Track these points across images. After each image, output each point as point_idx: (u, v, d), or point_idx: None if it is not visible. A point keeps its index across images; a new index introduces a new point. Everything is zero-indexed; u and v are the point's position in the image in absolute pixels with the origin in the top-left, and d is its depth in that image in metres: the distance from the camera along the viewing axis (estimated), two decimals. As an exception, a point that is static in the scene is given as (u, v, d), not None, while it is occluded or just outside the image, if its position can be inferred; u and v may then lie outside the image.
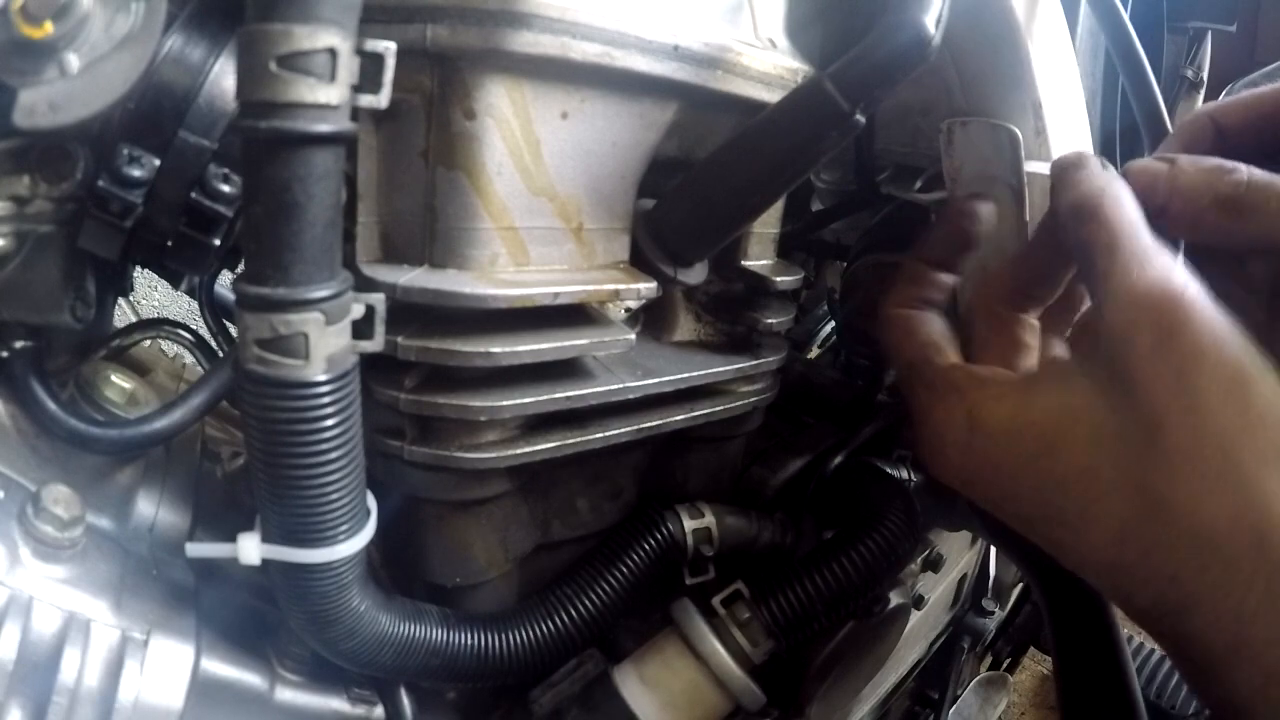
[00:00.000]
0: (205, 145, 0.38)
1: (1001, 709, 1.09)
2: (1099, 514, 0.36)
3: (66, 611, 0.40)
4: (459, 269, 0.41)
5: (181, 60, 0.37)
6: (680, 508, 0.55)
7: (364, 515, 0.39)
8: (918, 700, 0.99)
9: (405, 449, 0.43)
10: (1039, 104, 0.51)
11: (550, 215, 0.43)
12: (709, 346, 0.56)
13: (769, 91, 0.46)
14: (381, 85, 0.33)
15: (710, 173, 0.46)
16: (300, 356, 0.33)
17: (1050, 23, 0.53)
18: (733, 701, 0.52)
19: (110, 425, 0.43)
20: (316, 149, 0.31)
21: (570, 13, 0.37)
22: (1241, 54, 1.35)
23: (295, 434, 0.34)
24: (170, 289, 0.75)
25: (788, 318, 0.56)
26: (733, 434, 0.57)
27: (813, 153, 0.42)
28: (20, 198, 0.37)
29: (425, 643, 0.44)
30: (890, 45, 0.39)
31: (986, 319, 0.47)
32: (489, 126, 0.39)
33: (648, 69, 0.41)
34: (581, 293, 0.43)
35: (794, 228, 0.78)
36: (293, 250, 0.31)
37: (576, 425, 0.47)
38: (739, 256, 0.54)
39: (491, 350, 0.40)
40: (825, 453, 0.65)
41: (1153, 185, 0.40)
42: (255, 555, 0.37)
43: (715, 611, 0.52)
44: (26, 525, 0.40)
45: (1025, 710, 1.84)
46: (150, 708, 0.40)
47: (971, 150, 0.52)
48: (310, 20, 0.29)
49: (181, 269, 0.45)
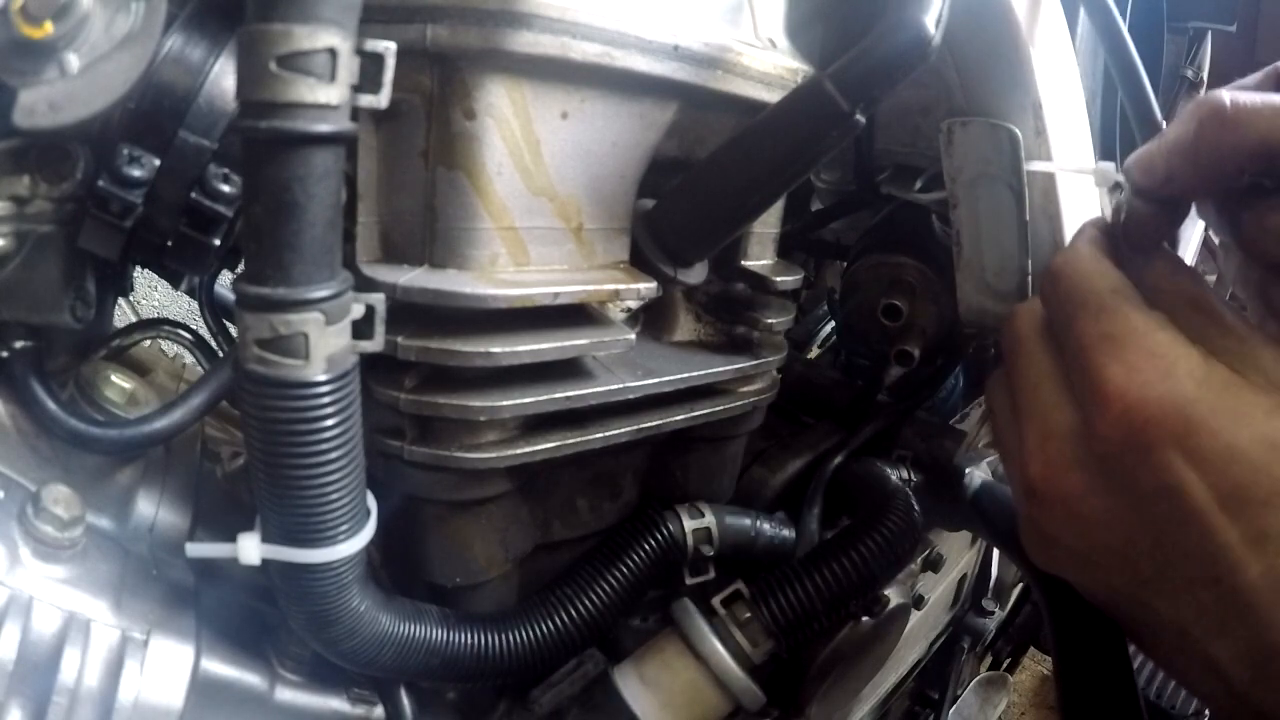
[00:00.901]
0: (205, 145, 0.38)
1: (1001, 709, 1.09)
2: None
3: (66, 611, 0.40)
4: (459, 269, 0.41)
5: (181, 60, 0.38)
6: (680, 508, 0.55)
7: (364, 515, 0.39)
8: (918, 700, 0.99)
9: (405, 449, 0.43)
10: (1039, 104, 0.51)
11: (550, 215, 0.43)
12: (709, 346, 0.56)
13: (769, 91, 0.46)
14: (381, 85, 0.33)
15: (710, 173, 0.46)
16: (300, 356, 0.33)
17: (1050, 23, 0.53)
18: (733, 701, 0.52)
19: (110, 425, 0.43)
20: (316, 149, 0.31)
21: (570, 13, 0.37)
22: (1241, 54, 1.35)
23: (295, 434, 0.34)
24: (170, 289, 0.75)
25: (788, 318, 0.56)
26: (733, 434, 0.57)
27: (813, 153, 0.42)
28: (20, 198, 0.37)
29: (425, 643, 0.44)
30: (890, 45, 0.39)
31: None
32: (489, 126, 0.39)
33: (648, 69, 0.41)
34: (581, 293, 0.43)
35: (794, 228, 0.78)
36: (293, 250, 0.31)
37: (576, 425, 0.47)
38: (739, 256, 0.54)
39: (491, 350, 0.40)
40: (825, 453, 0.65)
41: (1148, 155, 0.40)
42: (255, 555, 0.37)
43: (715, 611, 0.52)
44: (26, 525, 0.40)
45: (1025, 710, 1.84)
46: (150, 708, 0.40)
47: (971, 150, 0.52)
48: (310, 20, 0.29)
49: (181, 269, 0.45)
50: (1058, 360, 0.41)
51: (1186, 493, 0.35)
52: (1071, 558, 0.41)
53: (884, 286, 0.66)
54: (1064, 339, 0.40)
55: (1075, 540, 0.40)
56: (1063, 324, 0.40)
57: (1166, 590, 0.38)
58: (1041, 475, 0.40)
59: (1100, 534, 0.39)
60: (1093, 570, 0.41)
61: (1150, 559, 0.38)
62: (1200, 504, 0.35)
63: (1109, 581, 0.40)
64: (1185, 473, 0.35)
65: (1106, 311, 0.38)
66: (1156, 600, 0.38)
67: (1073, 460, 0.39)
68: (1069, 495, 0.39)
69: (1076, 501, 0.39)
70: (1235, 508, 0.34)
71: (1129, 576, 0.39)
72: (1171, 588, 0.37)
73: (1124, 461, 0.37)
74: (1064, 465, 0.39)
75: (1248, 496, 0.34)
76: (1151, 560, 0.37)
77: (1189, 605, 0.37)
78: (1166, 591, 0.38)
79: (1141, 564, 0.38)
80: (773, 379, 0.57)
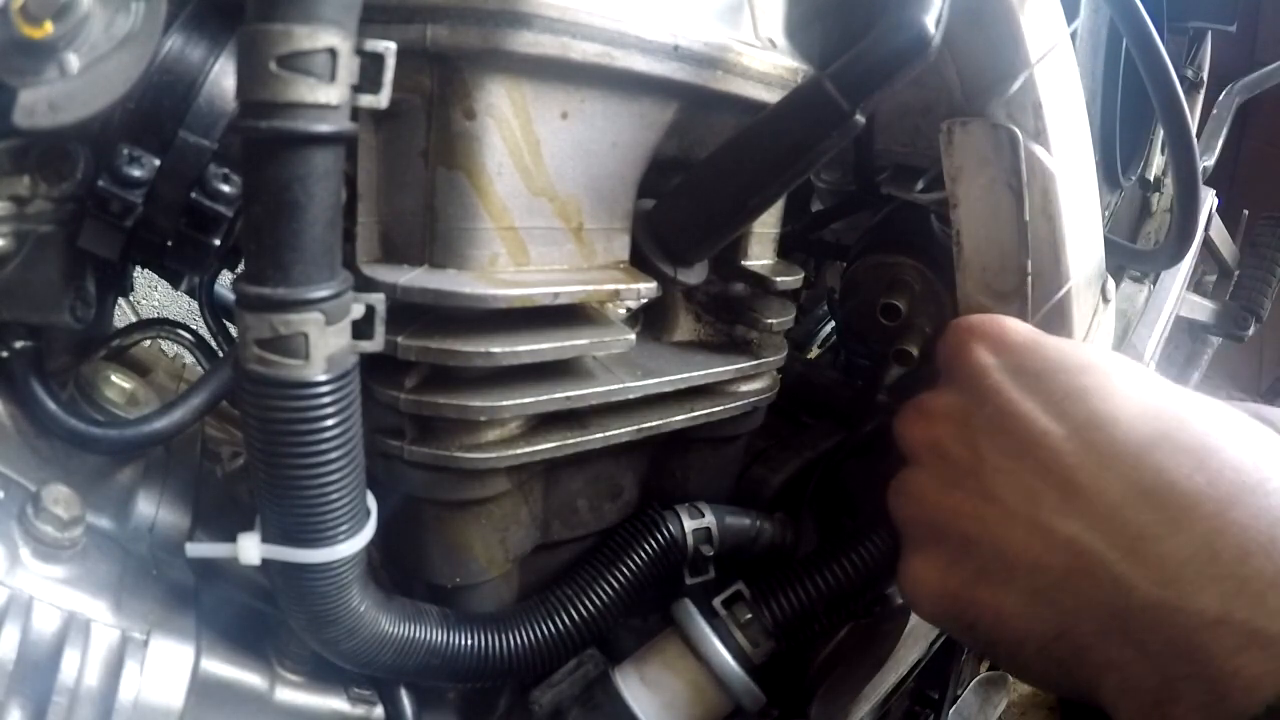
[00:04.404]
0: (205, 145, 0.38)
1: (1001, 709, 1.09)
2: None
3: (66, 611, 0.40)
4: (459, 269, 0.41)
5: (181, 60, 0.38)
6: (680, 508, 0.55)
7: (364, 515, 0.39)
8: (918, 700, 0.99)
9: (405, 449, 0.43)
10: (1039, 104, 0.51)
11: (550, 215, 0.43)
12: (709, 346, 0.56)
13: (769, 91, 0.46)
14: (381, 85, 0.33)
15: (710, 173, 0.46)
16: (300, 356, 0.33)
17: (1050, 22, 0.53)
18: (733, 702, 0.52)
19: (110, 425, 0.43)
20: (316, 149, 0.31)
21: (570, 13, 0.37)
22: (1241, 54, 1.35)
23: (295, 434, 0.34)
24: (170, 289, 0.75)
25: (788, 318, 0.56)
26: (733, 434, 0.57)
27: (813, 153, 0.42)
28: (20, 198, 0.37)
29: (425, 643, 0.44)
30: (890, 45, 0.39)
31: None
32: (489, 126, 0.39)
33: (648, 69, 0.41)
34: (581, 293, 0.43)
35: (794, 228, 0.78)
36: (293, 250, 0.31)
37: (576, 425, 0.47)
38: (739, 256, 0.54)
39: (491, 350, 0.40)
40: (825, 453, 0.65)
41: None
42: (255, 555, 0.37)
43: (716, 612, 0.52)
44: (26, 525, 0.40)
45: (1025, 710, 1.84)
46: (150, 708, 0.40)
47: (971, 150, 0.52)
48: (310, 20, 0.29)
49: (181, 269, 0.45)
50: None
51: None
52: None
53: (883, 286, 0.66)
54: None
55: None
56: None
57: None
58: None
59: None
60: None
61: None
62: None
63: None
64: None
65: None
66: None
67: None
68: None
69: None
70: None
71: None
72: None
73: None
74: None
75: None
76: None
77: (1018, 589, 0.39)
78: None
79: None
80: (773, 379, 0.57)
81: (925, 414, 0.48)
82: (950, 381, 0.48)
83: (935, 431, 0.46)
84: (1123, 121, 0.85)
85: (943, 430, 0.46)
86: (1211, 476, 0.34)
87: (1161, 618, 0.33)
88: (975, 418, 0.44)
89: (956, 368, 0.48)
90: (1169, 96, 0.53)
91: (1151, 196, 1.20)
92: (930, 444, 0.46)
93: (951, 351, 0.49)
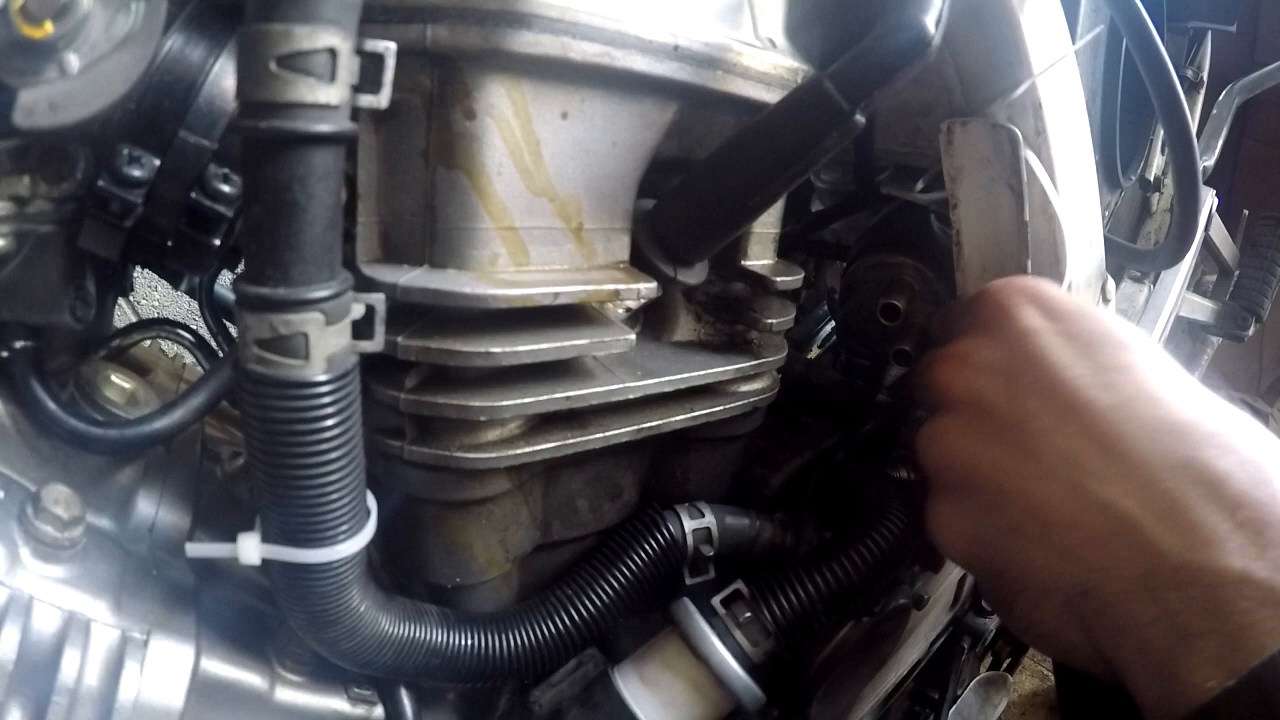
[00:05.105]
0: (205, 145, 0.38)
1: (1001, 709, 1.09)
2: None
3: (66, 611, 0.40)
4: (459, 269, 0.41)
5: (181, 60, 0.38)
6: (680, 508, 0.55)
7: (364, 515, 0.39)
8: (918, 700, 0.99)
9: (405, 449, 0.43)
10: (1039, 104, 0.51)
11: (550, 215, 0.43)
12: (709, 346, 0.56)
13: (769, 91, 0.46)
14: (381, 85, 0.33)
15: (710, 173, 0.46)
16: (300, 356, 0.33)
17: (1050, 22, 0.53)
18: (733, 701, 0.52)
19: (110, 425, 0.43)
20: (316, 149, 0.31)
21: (570, 13, 0.37)
22: (1241, 54, 1.35)
23: (295, 434, 0.34)
24: (170, 289, 0.75)
25: (788, 318, 0.56)
26: (733, 434, 0.57)
27: (813, 153, 0.42)
28: (20, 198, 0.37)
29: (425, 643, 0.44)
30: (890, 45, 0.39)
31: None
32: (489, 126, 0.39)
33: (648, 69, 0.41)
34: (581, 293, 0.43)
35: (794, 228, 0.78)
36: (293, 250, 0.31)
37: (576, 425, 0.47)
38: (739, 256, 0.54)
39: (491, 350, 0.40)
40: (825, 453, 0.65)
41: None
42: (255, 555, 0.37)
43: (715, 611, 0.52)
44: (26, 525, 0.40)
45: (1025, 710, 1.84)
46: (150, 708, 0.40)
47: (971, 150, 0.52)
48: (310, 20, 0.29)
49: (181, 269, 0.45)
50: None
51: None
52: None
53: (883, 286, 0.66)
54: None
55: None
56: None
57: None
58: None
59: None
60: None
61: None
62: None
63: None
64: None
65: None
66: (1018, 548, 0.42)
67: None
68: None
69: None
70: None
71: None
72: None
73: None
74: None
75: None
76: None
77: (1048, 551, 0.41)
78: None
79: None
80: (773, 379, 0.57)
81: (968, 365, 0.48)
82: (987, 335, 0.48)
83: (979, 384, 0.47)
84: (1123, 121, 0.85)
85: (987, 383, 0.46)
86: (1241, 458, 0.38)
87: (1188, 578, 0.35)
88: (1023, 375, 0.45)
89: (1002, 324, 0.48)
90: (1169, 96, 0.54)
91: (1151, 196, 1.20)
92: (972, 396, 0.47)
93: (995, 308, 0.49)
